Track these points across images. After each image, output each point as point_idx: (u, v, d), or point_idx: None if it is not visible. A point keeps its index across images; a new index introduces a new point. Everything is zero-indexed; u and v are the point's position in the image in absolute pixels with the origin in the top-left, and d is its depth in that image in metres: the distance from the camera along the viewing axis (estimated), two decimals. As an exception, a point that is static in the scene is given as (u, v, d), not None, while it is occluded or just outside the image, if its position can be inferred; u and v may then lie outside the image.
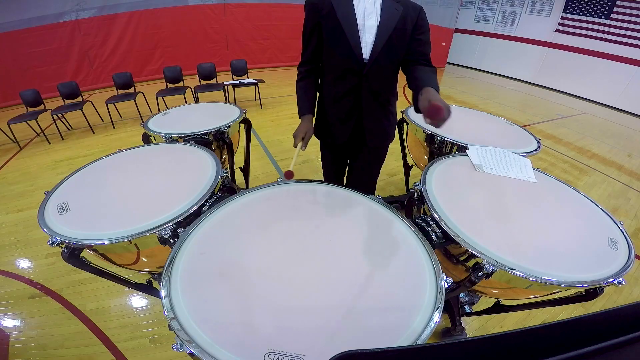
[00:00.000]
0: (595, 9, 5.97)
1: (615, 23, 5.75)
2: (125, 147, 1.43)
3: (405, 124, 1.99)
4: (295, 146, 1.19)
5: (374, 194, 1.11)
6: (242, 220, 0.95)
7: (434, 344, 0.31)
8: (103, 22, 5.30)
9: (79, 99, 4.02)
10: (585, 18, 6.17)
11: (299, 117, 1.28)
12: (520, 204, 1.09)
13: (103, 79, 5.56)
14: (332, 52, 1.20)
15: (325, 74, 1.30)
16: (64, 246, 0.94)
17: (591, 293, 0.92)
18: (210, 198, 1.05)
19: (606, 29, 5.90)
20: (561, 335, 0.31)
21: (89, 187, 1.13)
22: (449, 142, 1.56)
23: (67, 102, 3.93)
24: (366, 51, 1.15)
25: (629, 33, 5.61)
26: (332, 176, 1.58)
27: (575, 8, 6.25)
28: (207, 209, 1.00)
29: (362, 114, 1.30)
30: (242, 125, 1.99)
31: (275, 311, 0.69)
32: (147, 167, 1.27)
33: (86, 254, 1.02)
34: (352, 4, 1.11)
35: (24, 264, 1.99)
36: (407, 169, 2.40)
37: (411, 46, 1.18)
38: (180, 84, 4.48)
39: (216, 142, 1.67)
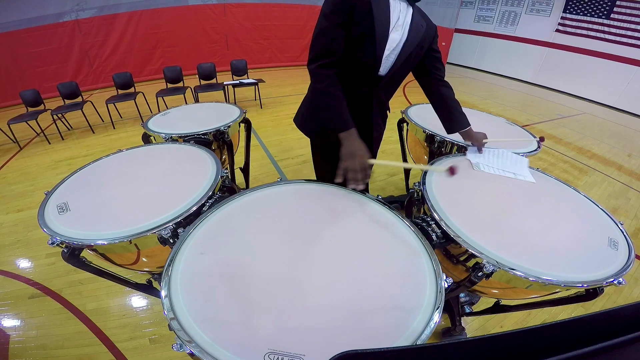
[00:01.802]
0: (595, 9, 5.97)
1: (615, 23, 5.76)
2: (125, 147, 1.43)
3: (405, 124, 1.99)
4: (357, 183, 0.99)
5: (368, 192, 1.10)
6: (242, 220, 0.95)
7: (434, 344, 0.31)
8: (103, 22, 5.30)
9: (79, 99, 4.02)
10: (585, 18, 6.17)
11: (341, 131, 1.04)
12: (520, 204, 1.09)
13: (103, 79, 5.56)
14: (351, 58, 1.06)
15: None
16: (64, 246, 0.94)
17: (591, 293, 0.92)
18: (210, 198, 1.05)
19: (606, 29, 5.90)
20: (561, 335, 0.31)
21: (89, 187, 1.13)
22: (449, 142, 1.57)
23: (67, 102, 3.93)
24: (385, 65, 1.09)
25: (629, 33, 5.61)
26: (325, 174, 1.55)
27: (575, 8, 6.25)
28: (207, 209, 1.00)
29: (371, 124, 1.26)
30: (242, 125, 1.98)
31: (275, 311, 0.69)
32: (147, 167, 1.27)
33: (86, 254, 1.02)
34: (389, 12, 1.01)
35: (24, 264, 1.99)
36: (407, 169, 2.40)
37: (431, 62, 1.22)
38: (180, 84, 4.47)
39: (216, 142, 1.67)
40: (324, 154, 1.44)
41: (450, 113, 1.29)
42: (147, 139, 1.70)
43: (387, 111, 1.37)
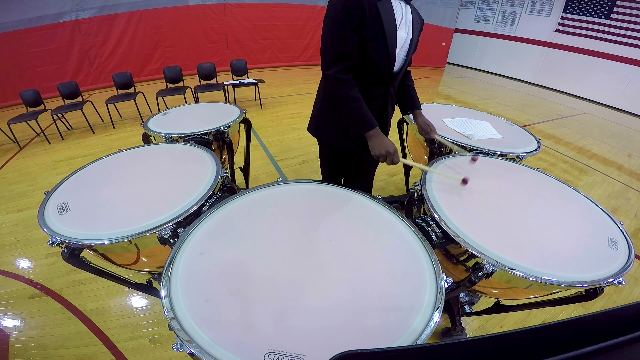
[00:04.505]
0: (595, 9, 5.97)
1: (615, 23, 5.76)
2: (125, 147, 1.43)
3: (405, 124, 1.99)
4: (394, 164, 1.11)
5: (371, 193, 1.11)
6: (242, 220, 0.95)
7: (434, 344, 0.31)
8: (103, 22, 5.30)
9: (79, 99, 4.01)
10: (585, 18, 6.18)
11: (367, 131, 1.12)
12: (520, 204, 1.09)
13: (103, 79, 5.56)
14: (366, 60, 1.10)
15: None
16: (64, 246, 0.94)
17: (591, 293, 0.92)
18: (210, 198, 1.05)
19: (606, 29, 5.91)
20: (561, 335, 0.31)
21: (89, 187, 1.13)
22: (449, 142, 1.56)
23: (67, 102, 3.92)
24: (398, 62, 1.16)
25: (629, 33, 5.61)
26: (332, 177, 1.57)
27: (575, 8, 6.26)
28: (207, 209, 1.00)
29: (386, 119, 1.32)
30: (242, 125, 1.98)
31: (275, 311, 0.69)
32: (147, 167, 1.27)
33: (86, 254, 1.02)
34: (393, 12, 1.06)
35: (24, 264, 1.99)
36: (407, 169, 2.40)
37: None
38: (180, 84, 4.47)
39: (216, 142, 1.67)
40: (334, 157, 1.46)
41: (411, 97, 1.44)
42: (147, 139, 1.70)
43: (395, 104, 1.43)
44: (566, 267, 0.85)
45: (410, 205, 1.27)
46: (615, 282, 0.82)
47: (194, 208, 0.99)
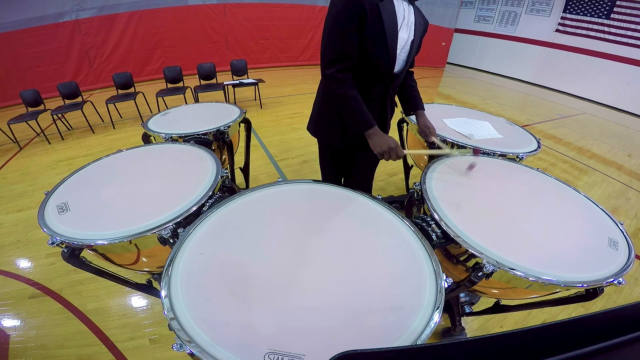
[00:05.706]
0: (595, 9, 5.97)
1: (615, 23, 5.76)
2: (125, 147, 1.43)
3: (405, 124, 1.99)
4: (399, 158, 1.12)
5: (371, 193, 1.11)
6: (242, 221, 0.95)
7: (434, 344, 0.31)
8: (103, 22, 5.30)
9: (79, 99, 4.01)
10: (585, 18, 6.18)
11: (366, 130, 1.12)
12: (520, 204, 1.09)
13: (103, 79, 5.56)
14: (366, 60, 1.10)
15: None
16: (64, 246, 0.94)
17: (591, 293, 0.92)
18: (210, 198, 1.05)
19: (606, 29, 5.91)
20: (561, 335, 0.31)
21: (89, 187, 1.13)
22: (449, 142, 1.57)
23: (67, 102, 3.92)
24: (398, 64, 1.15)
25: (629, 33, 5.61)
26: (332, 177, 1.57)
27: (575, 8, 6.26)
28: (207, 209, 1.00)
29: (386, 121, 1.33)
30: (242, 125, 1.98)
31: (275, 311, 0.69)
32: (147, 167, 1.27)
33: (86, 254, 1.02)
34: (395, 13, 1.06)
35: (24, 264, 1.99)
36: (407, 169, 2.40)
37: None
38: (180, 84, 4.47)
39: (216, 142, 1.67)
40: (334, 157, 1.46)
41: (414, 97, 1.42)
42: (147, 139, 1.70)
43: (395, 106, 1.42)
44: (566, 267, 0.85)
45: (410, 205, 1.27)
46: (615, 282, 0.82)
47: (194, 208, 0.99)
